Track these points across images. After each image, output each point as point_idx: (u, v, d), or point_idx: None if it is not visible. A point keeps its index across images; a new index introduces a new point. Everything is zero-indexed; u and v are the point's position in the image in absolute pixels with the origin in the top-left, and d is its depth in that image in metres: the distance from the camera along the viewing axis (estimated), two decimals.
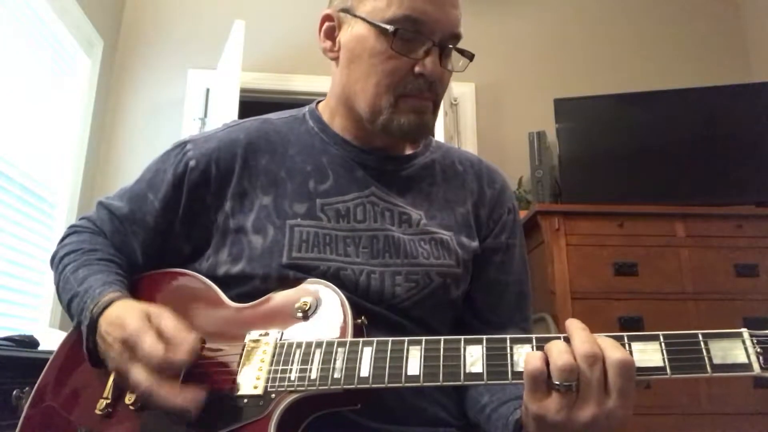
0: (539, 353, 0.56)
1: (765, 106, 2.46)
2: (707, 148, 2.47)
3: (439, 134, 2.53)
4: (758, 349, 0.53)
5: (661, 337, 0.56)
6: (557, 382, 0.54)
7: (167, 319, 0.66)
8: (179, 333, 0.64)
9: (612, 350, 0.54)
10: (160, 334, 0.64)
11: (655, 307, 2.09)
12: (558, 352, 0.55)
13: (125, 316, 0.66)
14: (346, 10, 0.83)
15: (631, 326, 2.05)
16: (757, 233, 2.17)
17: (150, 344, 0.62)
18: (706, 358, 0.54)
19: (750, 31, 3.12)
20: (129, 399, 0.68)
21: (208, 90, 2.85)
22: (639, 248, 2.16)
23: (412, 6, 0.77)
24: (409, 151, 0.91)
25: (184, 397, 0.62)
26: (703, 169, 2.44)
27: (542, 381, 0.55)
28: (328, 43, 0.87)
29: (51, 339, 1.34)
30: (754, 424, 1.96)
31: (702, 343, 0.55)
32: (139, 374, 0.62)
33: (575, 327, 0.57)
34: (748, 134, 2.45)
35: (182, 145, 0.87)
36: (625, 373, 0.53)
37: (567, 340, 0.57)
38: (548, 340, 0.58)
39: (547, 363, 0.55)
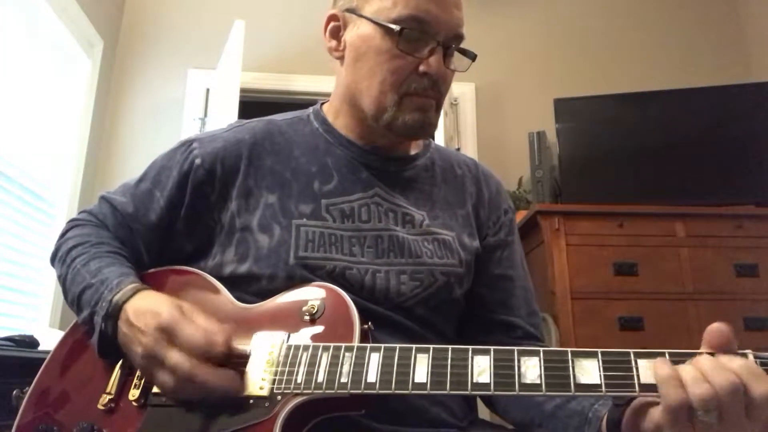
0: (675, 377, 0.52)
1: (765, 106, 2.46)
2: (707, 148, 2.47)
3: (439, 134, 2.52)
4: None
5: (667, 355, 0.55)
6: (699, 413, 0.51)
7: (200, 315, 0.67)
8: (213, 326, 0.65)
9: (755, 382, 0.51)
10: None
11: (655, 307, 2.09)
12: (693, 380, 0.52)
13: (157, 306, 0.67)
14: (351, 10, 0.84)
15: (631, 326, 2.05)
16: (757, 233, 2.17)
17: (192, 331, 0.63)
18: None
19: (750, 31, 3.12)
20: (132, 395, 0.68)
21: (208, 90, 2.85)
22: (639, 248, 2.16)
23: (417, 6, 0.79)
24: (412, 152, 0.92)
25: (225, 376, 0.63)
26: (703, 169, 2.44)
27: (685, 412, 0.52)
28: (334, 43, 0.88)
29: (51, 339, 1.33)
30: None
31: None
32: (178, 357, 0.62)
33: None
34: (748, 134, 2.44)
35: (188, 143, 0.87)
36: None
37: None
38: (531, 354, 0.57)
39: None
